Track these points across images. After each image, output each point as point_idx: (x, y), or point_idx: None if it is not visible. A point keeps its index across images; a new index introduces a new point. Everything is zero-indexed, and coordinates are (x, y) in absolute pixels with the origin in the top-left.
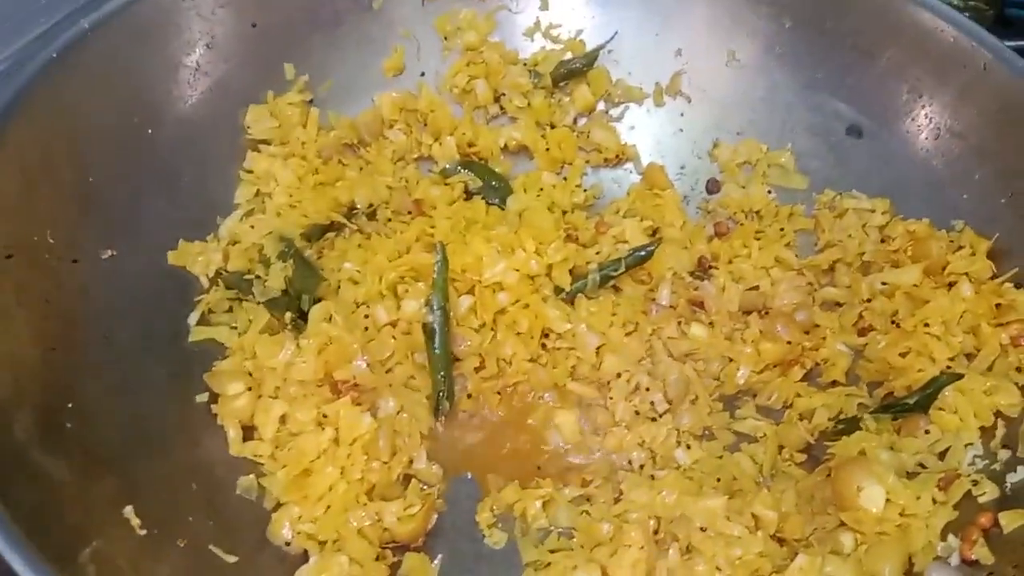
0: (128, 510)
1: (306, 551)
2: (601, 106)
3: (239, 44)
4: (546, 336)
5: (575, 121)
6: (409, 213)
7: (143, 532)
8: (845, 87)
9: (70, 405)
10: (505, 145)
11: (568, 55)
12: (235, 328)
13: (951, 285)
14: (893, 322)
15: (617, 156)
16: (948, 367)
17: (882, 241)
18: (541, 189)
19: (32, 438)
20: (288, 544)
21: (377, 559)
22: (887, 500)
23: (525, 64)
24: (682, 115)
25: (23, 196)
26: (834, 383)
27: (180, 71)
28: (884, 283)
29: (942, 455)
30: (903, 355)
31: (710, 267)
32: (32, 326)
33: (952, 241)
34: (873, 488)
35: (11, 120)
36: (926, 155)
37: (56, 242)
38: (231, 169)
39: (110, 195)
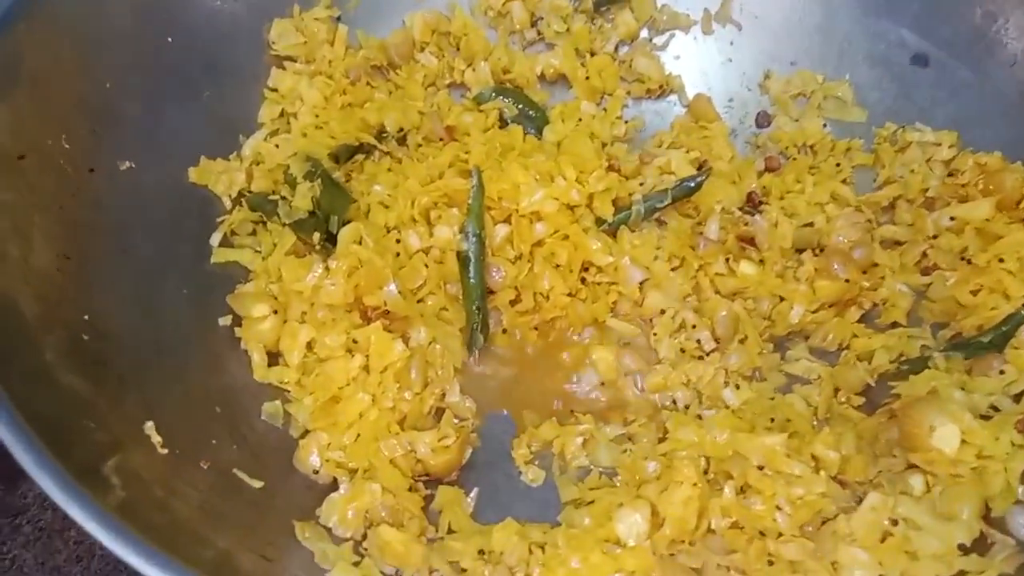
0: (149, 426)
1: (335, 479)
2: (644, 33)
3: None
4: (586, 270)
5: (616, 49)
6: (441, 140)
7: (165, 451)
8: (910, 12)
9: (86, 317)
10: (542, 73)
11: None
12: (259, 252)
13: None
14: (963, 259)
15: (661, 87)
16: None
17: (949, 175)
18: (580, 119)
19: (47, 345)
20: (316, 472)
21: (410, 490)
22: (962, 441)
23: None
24: (731, 44)
25: (34, 98)
26: (894, 325)
27: None
28: (952, 218)
29: (1018, 397)
30: (974, 293)
31: (761, 202)
32: (45, 231)
33: None
34: (947, 427)
35: (19, 19)
36: (999, 83)
37: (71, 148)
38: (255, 86)
39: (128, 106)
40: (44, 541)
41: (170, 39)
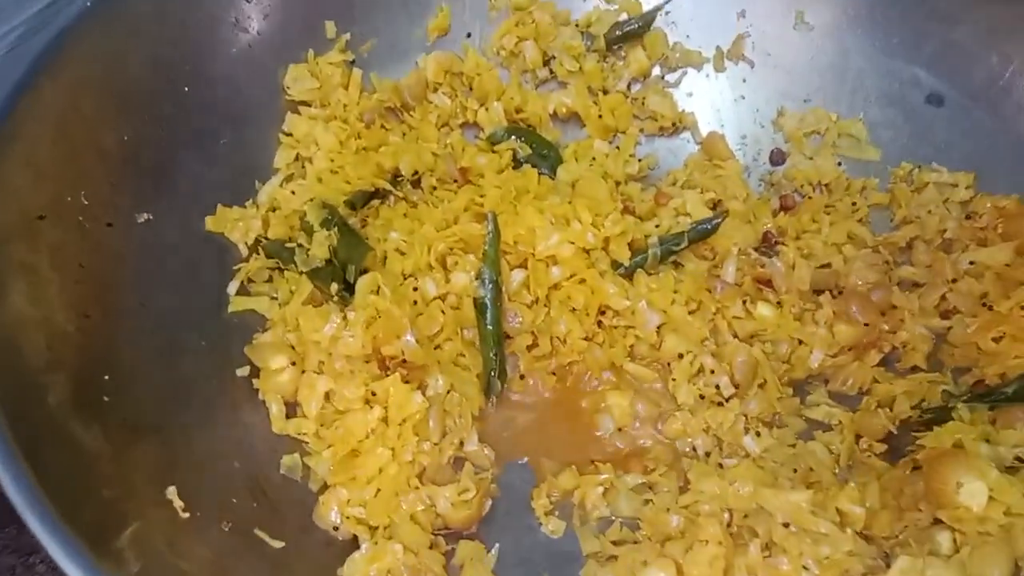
0: (171, 491)
1: (355, 536)
2: (657, 71)
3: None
4: (603, 313)
5: (629, 87)
6: (455, 181)
7: (187, 515)
8: (925, 53)
9: (107, 377)
10: (554, 112)
11: (623, 16)
12: (276, 299)
13: None
14: (983, 304)
15: (674, 124)
16: None
17: (967, 218)
18: (593, 158)
19: (68, 409)
20: (336, 529)
21: (431, 547)
22: (990, 497)
23: (577, 25)
24: (744, 81)
25: (56, 156)
26: (914, 369)
27: (218, 27)
28: (971, 262)
29: None
30: (996, 340)
31: (777, 243)
32: (66, 291)
33: None
34: (974, 484)
35: (43, 75)
36: (1015, 125)
37: (90, 204)
38: (270, 132)
39: (145, 157)
40: None
41: (187, 88)
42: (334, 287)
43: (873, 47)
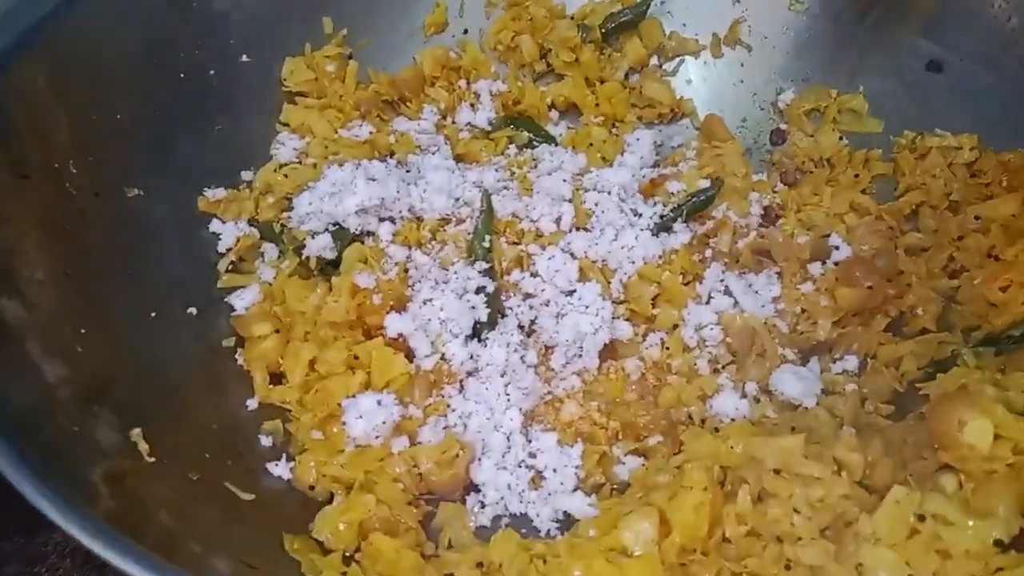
0: (136, 432)
1: (332, 496)
2: (654, 61)
3: None
4: None
5: (627, 77)
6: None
7: (151, 459)
8: (920, 20)
9: (82, 331)
10: (552, 102)
11: (618, 7)
12: (264, 281)
13: None
14: (990, 256)
15: (672, 111)
16: None
17: (972, 176)
18: (591, 145)
19: (37, 350)
20: (312, 488)
21: (409, 504)
22: (996, 436)
23: (572, 18)
24: (742, 66)
25: (39, 121)
26: (923, 331)
27: (215, 19)
28: (977, 217)
29: None
30: (1003, 289)
31: (777, 216)
32: (45, 247)
33: None
34: (978, 422)
35: (31, 43)
36: (1017, 81)
37: (78, 172)
38: (266, 122)
39: (139, 135)
40: None
41: (182, 75)
42: (314, 261)
43: (869, 20)
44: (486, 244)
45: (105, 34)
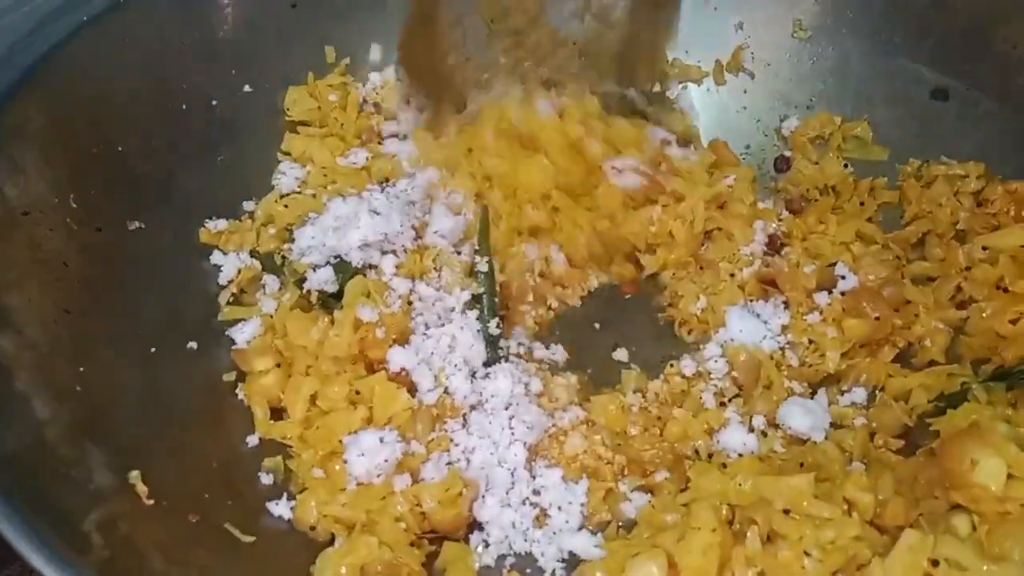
0: (135, 475)
1: (334, 537)
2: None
3: (278, 24)
4: None
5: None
6: None
7: (150, 502)
8: (926, 48)
9: (81, 369)
10: None
11: None
12: (266, 313)
13: None
14: (999, 288)
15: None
16: None
17: (979, 205)
18: None
19: (34, 390)
20: (313, 528)
21: (412, 546)
22: (1009, 475)
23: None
24: (745, 92)
25: (41, 157)
26: (931, 364)
27: (217, 49)
28: (985, 248)
29: None
30: (1013, 322)
31: (782, 244)
32: (46, 285)
33: None
34: (991, 461)
35: (32, 79)
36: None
37: (79, 207)
38: (269, 152)
39: (141, 168)
40: None
41: (184, 106)
42: (315, 295)
43: (874, 48)
44: (484, 269)
45: (106, 67)
